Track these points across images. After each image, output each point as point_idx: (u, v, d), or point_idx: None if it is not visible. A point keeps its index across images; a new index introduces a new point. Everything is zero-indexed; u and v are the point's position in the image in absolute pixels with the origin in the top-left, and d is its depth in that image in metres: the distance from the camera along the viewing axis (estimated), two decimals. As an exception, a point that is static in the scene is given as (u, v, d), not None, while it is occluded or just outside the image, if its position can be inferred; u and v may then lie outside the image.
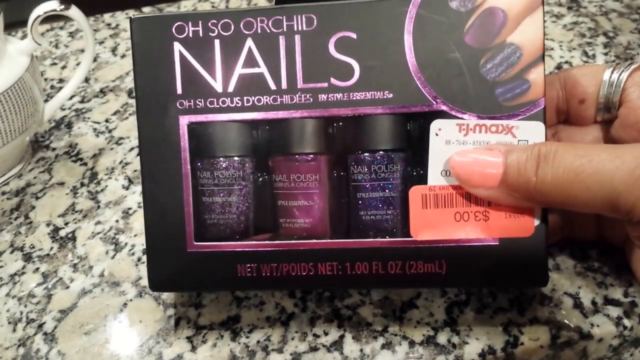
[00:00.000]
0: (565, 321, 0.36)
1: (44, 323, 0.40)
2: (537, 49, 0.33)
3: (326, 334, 0.37)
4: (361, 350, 0.36)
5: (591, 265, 0.39)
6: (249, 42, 0.34)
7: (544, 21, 0.33)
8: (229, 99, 0.34)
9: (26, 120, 0.49)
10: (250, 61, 0.34)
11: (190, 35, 0.34)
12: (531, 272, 0.33)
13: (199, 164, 0.36)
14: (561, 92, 0.37)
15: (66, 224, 0.47)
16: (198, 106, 0.34)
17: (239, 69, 0.34)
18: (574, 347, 0.36)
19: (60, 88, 0.56)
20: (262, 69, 0.34)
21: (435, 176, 0.33)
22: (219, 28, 0.34)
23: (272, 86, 0.34)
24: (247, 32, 0.34)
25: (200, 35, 0.34)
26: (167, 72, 0.34)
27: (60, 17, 0.63)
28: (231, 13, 0.34)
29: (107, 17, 0.75)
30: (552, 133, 0.38)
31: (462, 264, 0.34)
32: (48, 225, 0.47)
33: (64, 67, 0.67)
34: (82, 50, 0.62)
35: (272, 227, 0.36)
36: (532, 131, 0.33)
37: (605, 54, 0.58)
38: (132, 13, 0.75)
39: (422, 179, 0.34)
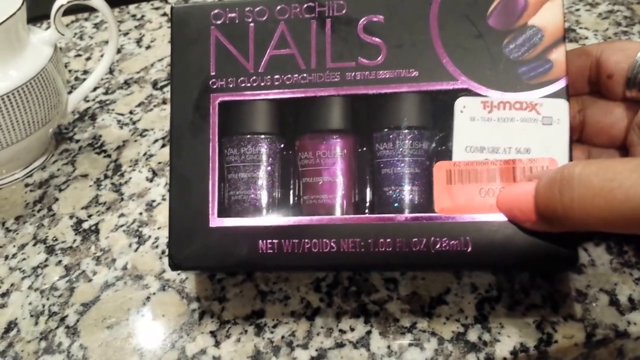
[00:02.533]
0: (601, 319, 0.35)
1: (66, 316, 0.39)
2: (558, 30, 0.34)
3: (352, 329, 0.36)
4: (388, 346, 0.35)
5: (628, 261, 0.38)
6: (282, 26, 0.36)
7: (578, 10, 0.33)
8: (259, 77, 0.36)
9: (49, 111, 0.49)
10: (282, 43, 0.36)
11: (227, 21, 0.36)
12: (559, 252, 0.32)
13: (226, 143, 0.36)
14: (594, 64, 0.37)
15: (89, 216, 0.47)
16: (230, 85, 0.36)
17: (271, 51, 0.36)
18: (610, 346, 0.35)
19: (85, 80, 0.56)
20: (293, 50, 0.36)
21: (460, 152, 0.34)
22: (255, 14, 0.36)
23: (302, 65, 0.35)
24: (280, 18, 0.36)
25: (236, 21, 0.36)
26: (202, 54, 0.36)
27: (85, 9, 0.63)
28: (267, 1, 0.36)
29: (132, 8, 0.75)
30: (579, 108, 0.38)
31: (487, 241, 0.33)
32: (71, 217, 0.47)
33: (88, 59, 0.67)
34: (107, 42, 0.62)
35: (296, 204, 0.37)
36: (556, 108, 0.33)
37: (642, 43, 0.56)
38: (157, 4, 0.75)
39: (447, 156, 0.34)
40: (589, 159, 0.37)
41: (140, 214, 0.46)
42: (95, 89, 0.61)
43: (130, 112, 0.58)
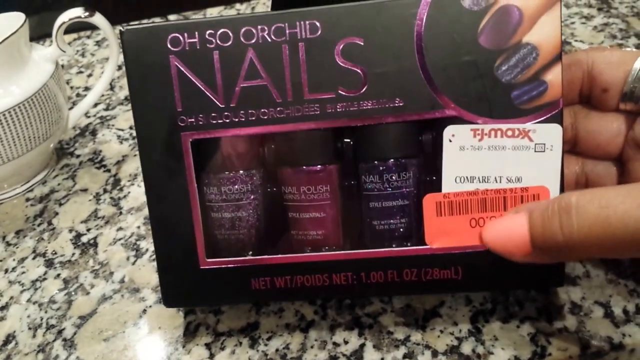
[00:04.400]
0: (596, 331, 0.35)
1: (63, 329, 0.40)
2: (554, 48, 0.31)
3: (346, 342, 0.36)
4: (382, 359, 0.35)
5: (623, 272, 0.38)
6: (250, 53, 0.32)
7: (573, 22, 0.32)
8: (232, 113, 0.33)
9: (50, 126, 0.50)
10: (253, 73, 0.32)
11: (187, 47, 0.32)
12: (547, 272, 0.33)
13: (205, 180, 0.35)
14: (586, 76, 0.35)
15: (88, 230, 0.47)
16: (200, 122, 0.33)
17: (241, 82, 0.32)
18: (605, 358, 0.35)
19: (86, 96, 0.56)
20: (266, 80, 0.32)
21: (449, 183, 0.33)
22: (217, 39, 0.32)
23: (277, 98, 0.32)
24: (247, 42, 0.32)
25: (198, 47, 0.32)
26: (164, 88, 0.33)
27: (88, 27, 0.64)
28: (229, 21, 0.32)
29: (133, 25, 0.76)
30: (571, 121, 0.37)
31: (477, 269, 0.33)
32: (70, 231, 0.48)
33: (89, 76, 0.68)
34: (108, 59, 0.63)
35: (285, 239, 0.36)
36: (549, 134, 0.32)
37: (638, 56, 0.56)
38: (158, 21, 0.76)
39: (436, 186, 0.33)
40: (583, 171, 0.37)
41: (138, 227, 0.47)
42: (96, 105, 0.62)
43: (130, 128, 0.58)
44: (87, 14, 0.50)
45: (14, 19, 0.49)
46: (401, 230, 0.34)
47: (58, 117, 0.51)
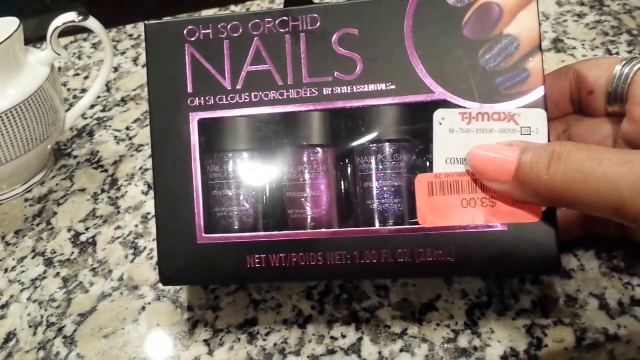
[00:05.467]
0: (591, 323, 0.35)
1: (64, 327, 0.40)
2: (534, 39, 0.33)
3: (344, 336, 0.37)
4: (380, 353, 0.36)
5: (617, 265, 0.38)
6: (257, 42, 0.35)
7: (566, 20, 0.33)
8: (237, 95, 0.35)
9: (47, 128, 0.50)
10: (258, 59, 0.35)
11: (202, 37, 0.36)
12: (542, 258, 0.33)
13: (209, 159, 0.36)
14: (574, 82, 0.37)
15: (87, 229, 0.48)
16: (208, 103, 0.36)
17: (247, 67, 0.35)
18: (601, 350, 0.35)
19: (83, 98, 0.57)
20: (269, 66, 0.35)
21: (440, 164, 0.34)
22: (229, 30, 0.36)
23: (279, 82, 0.35)
24: (255, 33, 0.35)
25: (211, 37, 0.36)
26: (178, 72, 0.36)
27: (84, 30, 0.64)
28: (240, 16, 0.36)
29: (129, 28, 0.76)
30: (564, 128, 0.38)
31: (471, 251, 0.33)
32: (69, 230, 0.48)
33: (86, 78, 0.68)
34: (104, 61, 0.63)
35: (281, 218, 0.37)
36: (534, 118, 0.33)
37: (630, 52, 0.57)
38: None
39: (428, 168, 0.34)
40: None
41: (136, 226, 0.47)
42: (93, 106, 0.62)
43: (127, 129, 0.59)
44: (80, 18, 0.51)
45: (9, 24, 0.49)
46: (395, 210, 0.35)
47: (55, 119, 0.51)
